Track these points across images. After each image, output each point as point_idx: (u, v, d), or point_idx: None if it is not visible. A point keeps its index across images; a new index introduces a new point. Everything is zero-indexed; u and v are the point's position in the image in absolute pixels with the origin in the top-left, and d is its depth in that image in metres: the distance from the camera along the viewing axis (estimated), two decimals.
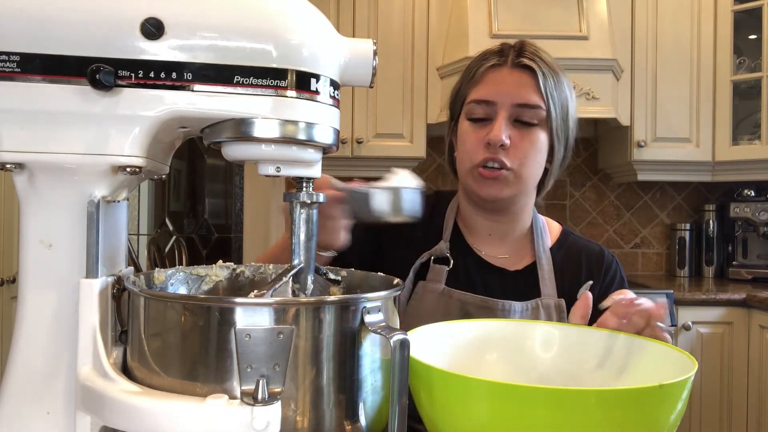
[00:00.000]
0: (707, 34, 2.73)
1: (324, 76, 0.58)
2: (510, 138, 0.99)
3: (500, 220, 1.10)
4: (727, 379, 2.42)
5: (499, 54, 1.04)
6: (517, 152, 1.00)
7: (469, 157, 1.03)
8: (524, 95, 1.00)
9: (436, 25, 2.73)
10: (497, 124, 0.99)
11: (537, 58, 1.02)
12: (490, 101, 1.01)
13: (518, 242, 1.12)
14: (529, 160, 1.02)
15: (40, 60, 0.54)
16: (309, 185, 0.63)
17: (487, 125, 1.02)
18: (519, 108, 1.00)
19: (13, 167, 0.56)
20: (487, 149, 1.00)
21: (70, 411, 0.58)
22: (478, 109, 1.02)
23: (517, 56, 1.02)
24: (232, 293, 0.73)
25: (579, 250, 1.12)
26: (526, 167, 1.02)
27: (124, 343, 0.60)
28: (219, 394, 0.50)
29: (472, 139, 1.03)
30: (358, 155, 2.73)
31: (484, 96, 1.02)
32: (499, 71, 1.02)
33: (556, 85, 1.02)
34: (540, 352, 0.78)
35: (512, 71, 1.01)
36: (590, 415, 0.53)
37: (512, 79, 1.01)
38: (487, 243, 1.11)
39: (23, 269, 0.59)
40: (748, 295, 2.38)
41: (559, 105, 1.02)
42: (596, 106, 2.48)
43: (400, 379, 0.51)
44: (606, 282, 1.10)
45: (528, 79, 1.01)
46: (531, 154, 1.01)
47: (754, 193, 2.76)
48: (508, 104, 1.00)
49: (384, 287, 0.61)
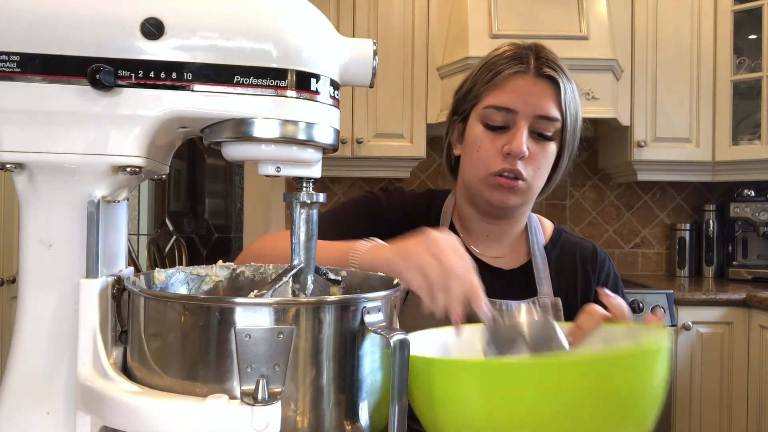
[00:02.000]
0: (707, 34, 2.73)
1: (324, 76, 0.58)
2: (528, 149, 0.99)
3: (500, 223, 1.10)
4: (727, 379, 2.42)
5: (519, 60, 1.01)
6: (533, 164, 1.00)
7: (485, 165, 1.01)
8: (545, 107, 0.99)
9: (436, 25, 2.73)
10: (519, 135, 0.98)
11: (557, 66, 1.01)
12: (512, 109, 0.99)
13: (513, 241, 1.12)
14: (542, 172, 1.02)
15: (40, 60, 0.54)
16: (309, 185, 0.63)
17: (504, 133, 1.00)
18: (538, 120, 0.99)
19: (13, 167, 0.56)
20: (506, 159, 0.99)
21: (70, 411, 0.58)
22: (497, 116, 1.00)
23: (539, 64, 1.00)
24: (232, 293, 0.73)
25: (573, 248, 1.13)
26: (538, 178, 1.02)
27: (124, 343, 0.60)
28: (219, 394, 0.50)
29: (490, 147, 1.01)
30: (358, 155, 2.73)
31: (506, 103, 1.00)
32: (522, 79, 1.00)
33: (572, 95, 1.01)
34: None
35: (536, 81, 1.00)
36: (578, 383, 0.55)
37: (536, 89, 1.00)
38: (484, 243, 1.12)
39: (23, 269, 0.59)
40: (748, 295, 2.38)
41: (573, 116, 1.02)
42: (596, 106, 2.48)
43: (400, 379, 0.51)
44: (601, 280, 1.11)
45: (550, 90, 1.00)
46: (544, 166, 1.02)
47: (754, 193, 2.76)
48: (530, 115, 0.99)
49: (384, 287, 0.61)
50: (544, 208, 3.08)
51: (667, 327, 0.76)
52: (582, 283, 1.09)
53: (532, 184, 1.02)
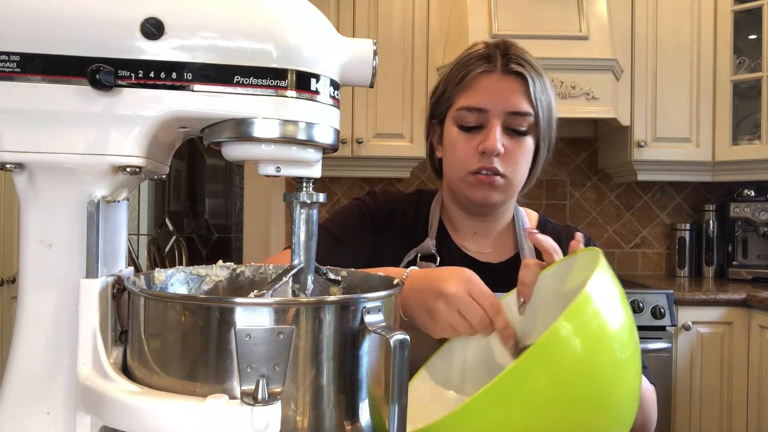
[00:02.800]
0: (707, 34, 2.73)
1: (324, 76, 0.58)
2: (504, 146, 1.00)
3: (486, 220, 1.12)
4: (727, 379, 2.42)
5: (487, 59, 1.03)
6: (509, 159, 1.02)
7: (463, 165, 1.03)
8: (516, 103, 1.00)
9: (436, 25, 2.73)
10: (493, 134, 1.00)
11: (524, 61, 1.02)
12: (483, 109, 1.01)
13: (501, 235, 1.14)
14: (520, 167, 1.03)
15: (40, 60, 0.54)
16: (309, 185, 0.63)
17: (478, 133, 1.02)
18: (510, 116, 1.01)
19: (13, 167, 0.56)
20: (482, 158, 1.01)
21: (70, 411, 0.58)
22: (470, 116, 1.02)
23: (506, 61, 1.02)
24: (232, 293, 0.73)
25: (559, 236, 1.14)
26: (517, 173, 1.03)
27: (124, 343, 0.60)
28: (219, 394, 0.50)
29: (466, 147, 1.03)
30: (358, 155, 2.74)
31: (476, 104, 1.02)
32: (488, 78, 1.02)
33: (542, 88, 1.03)
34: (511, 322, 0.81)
35: (503, 78, 1.02)
36: (522, 393, 0.55)
37: (503, 86, 1.01)
38: (472, 240, 1.13)
39: (23, 269, 0.59)
40: (748, 295, 2.39)
41: (546, 109, 1.03)
42: (596, 106, 2.48)
43: (400, 379, 0.51)
44: None
45: (518, 85, 1.01)
46: (522, 161, 1.03)
47: (754, 193, 2.76)
48: (501, 112, 1.00)
49: (384, 287, 0.61)
50: (544, 208, 3.08)
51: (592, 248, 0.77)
52: None
53: (512, 180, 1.03)
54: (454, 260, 1.09)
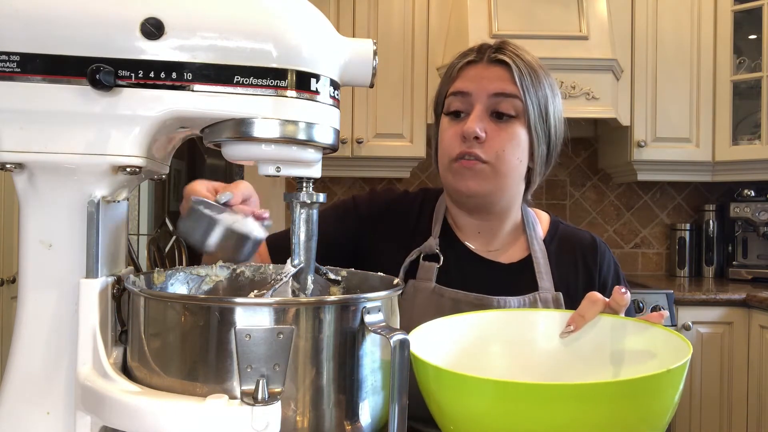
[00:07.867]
0: (707, 34, 2.73)
1: (324, 76, 0.58)
2: (486, 131, 0.99)
3: (487, 219, 1.09)
4: (727, 379, 2.42)
5: (477, 51, 1.04)
6: (493, 145, 0.99)
7: (446, 152, 1.03)
8: (499, 85, 1.00)
9: (436, 25, 2.73)
10: (472, 116, 0.99)
11: (515, 55, 1.02)
12: (466, 92, 1.01)
13: (509, 236, 1.12)
14: (506, 154, 1.00)
15: (40, 60, 0.54)
16: (309, 185, 0.63)
17: (463, 119, 1.02)
18: (495, 98, 0.99)
19: (13, 167, 0.56)
20: (463, 143, 0.99)
21: (70, 411, 0.58)
22: (455, 102, 1.02)
23: (494, 52, 1.03)
24: (232, 293, 0.73)
25: (571, 241, 1.13)
26: (503, 161, 1.00)
27: (124, 343, 0.60)
28: (219, 394, 0.50)
29: (449, 134, 1.02)
30: (358, 155, 2.73)
31: (460, 88, 1.02)
32: (474, 67, 1.03)
33: (533, 81, 1.01)
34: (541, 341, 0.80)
35: (488, 66, 1.02)
36: (601, 407, 0.54)
37: (489, 72, 1.01)
38: (477, 239, 1.11)
39: (23, 269, 0.59)
40: (748, 295, 2.39)
41: (537, 101, 1.01)
42: (596, 106, 2.48)
43: (400, 379, 0.51)
44: (603, 272, 1.10)
45: (504, 72, 1.01)
46: (508, 147, 1.00)
47: (754, 193, 2.76)
48: (484, 95, 1.00)
49: (384, 287, 0.61)
50: (544, 208, 3.07)
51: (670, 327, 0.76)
52: (583, 276, 1.09)
53: (497, 168, 1.00)
54: (459, 258, 1.08)
